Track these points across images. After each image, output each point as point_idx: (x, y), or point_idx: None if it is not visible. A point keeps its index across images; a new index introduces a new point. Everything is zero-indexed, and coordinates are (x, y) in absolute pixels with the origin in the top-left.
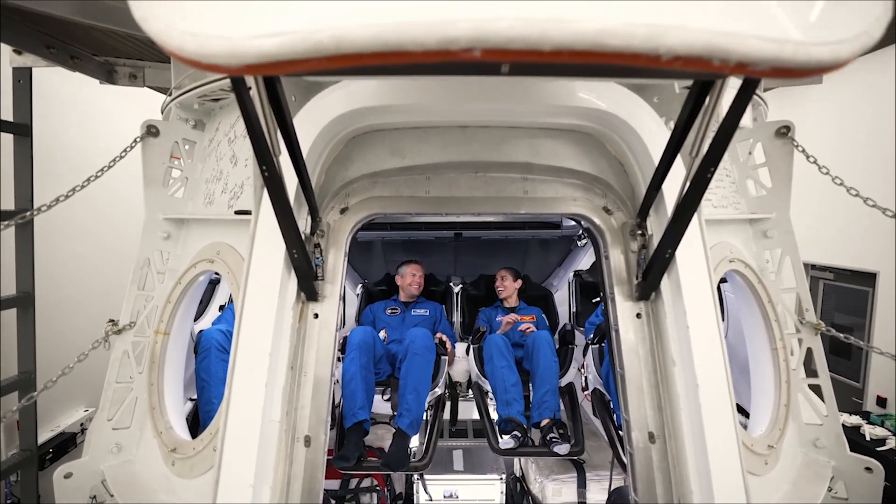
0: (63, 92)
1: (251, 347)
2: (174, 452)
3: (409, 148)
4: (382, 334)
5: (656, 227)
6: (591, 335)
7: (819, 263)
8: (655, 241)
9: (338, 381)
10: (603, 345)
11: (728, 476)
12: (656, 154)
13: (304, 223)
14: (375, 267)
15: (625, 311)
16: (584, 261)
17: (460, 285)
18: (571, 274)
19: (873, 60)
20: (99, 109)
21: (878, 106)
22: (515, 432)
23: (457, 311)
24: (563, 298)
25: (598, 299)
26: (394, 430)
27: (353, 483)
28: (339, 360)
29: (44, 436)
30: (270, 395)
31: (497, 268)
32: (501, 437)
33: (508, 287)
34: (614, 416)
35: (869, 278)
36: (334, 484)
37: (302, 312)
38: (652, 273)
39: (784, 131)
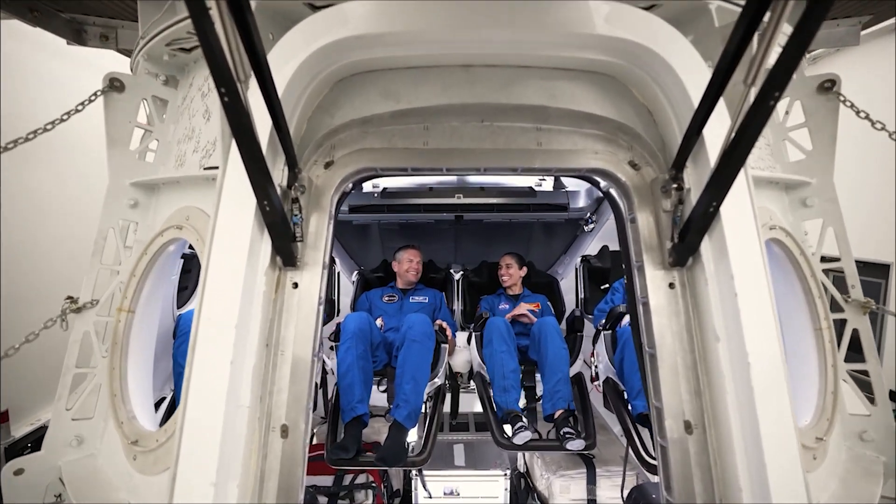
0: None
1: (214, 319)
2: (135, 445)
3: (405, 91)
4: (379, 322)
5: (694, 180)
6: (603, 321)
7: (828, 255)
8: (694, 197)
9: (331, 371)
10: (616, 330)
11: (786, 472)
12: (696, 94)
13: (280, 174)
14: (372, 253)
15: (655, 281)
16: (592, 246)
17: (461, 272)
18: (579, 259)
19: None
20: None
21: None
22: (521, 424)
23: (457, 298)
24: (568, 286)
25: (607, 286)
26: (390, 423)
27: (348, 479)
28: (332, 349)
29: (24, 429)
30: (238, 375)
31: (500, 254)
32: (513, 433)
33: (514, 275)
34: (629, 406)
35: (882, 270)
36: (327, 480)
37: (279, 281)
38: (690, 233)
39: (828, 86)
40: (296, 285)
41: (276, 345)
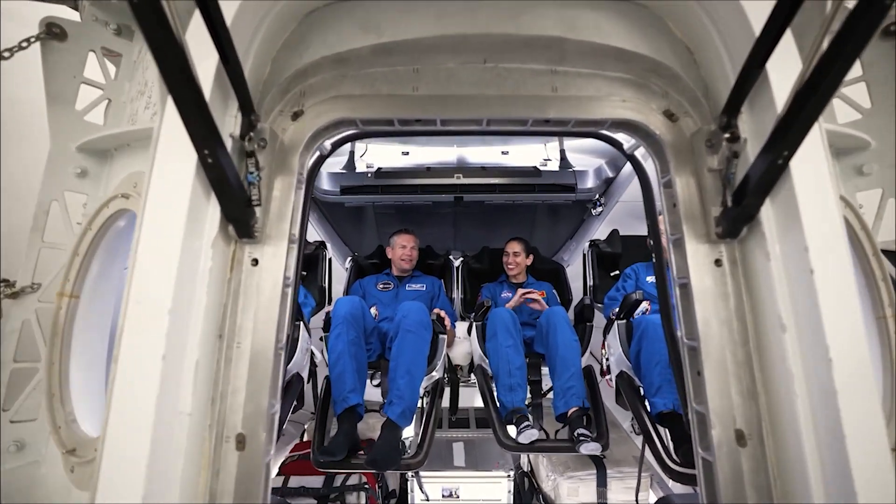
0: None
1: (144, 302)
2: (73, 455)
3: (389, 22)
4: (373, 311)
5: (753, 128)
6: (616, 309)
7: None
8: (752, 151)
9: (322, 363)
10: (632, 320)
11: (879, 494)
12: (757, 19)
13: (231, 123)
14: (367, 239)
15: (698, 258)
16: (600, 231)
17: (461, 258)
18: (587, 244)
19: None
20: None
21: None
22: (528, 423)
23: (457, 286)
24: (575, 273)
25: (617, 272)
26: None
27: (339, 480)
28: (322, 339)
29: None
30: (174, 374)
31: (502, 240)
32: (517, 432)
33: (520, 263)
34: (646, 403)
35: None
36: (316, 481)
37: (234, 257)
38: (748, 195)
39: (894, 29)
40: (256, 262)
41: (230, 335)
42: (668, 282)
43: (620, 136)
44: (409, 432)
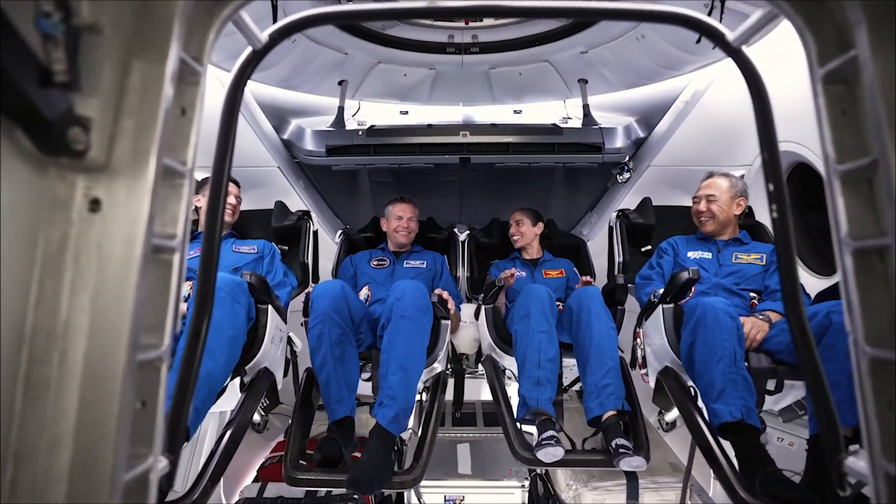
0: None
1: None
2: None
3: None
4: (364, 292)
5: None
6: (659, 290)
7: None
8: None
9: (302, 351)
10: (682, 304)
11: None
12: None
13: None
14: (362, 210)
15: None
16: (626, 201)
17: (467, 232)
18: (614, 215)
19: None
20: None
21: None
22: (549, 433)
23: (463, 263)
24: (596, 250)
25: (650, 247)
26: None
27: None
28: (303, 325)
29: None
30: None
31: (513, 211)
32: (537, 443)
33: (527, 233)
34: (698, 402)
35: None
36: (298, 491)
37: (53, 194)
38: None
39: None
40: (96, 205)
41: (46, 340)
42: (792, 252)
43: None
44: (409, 422)
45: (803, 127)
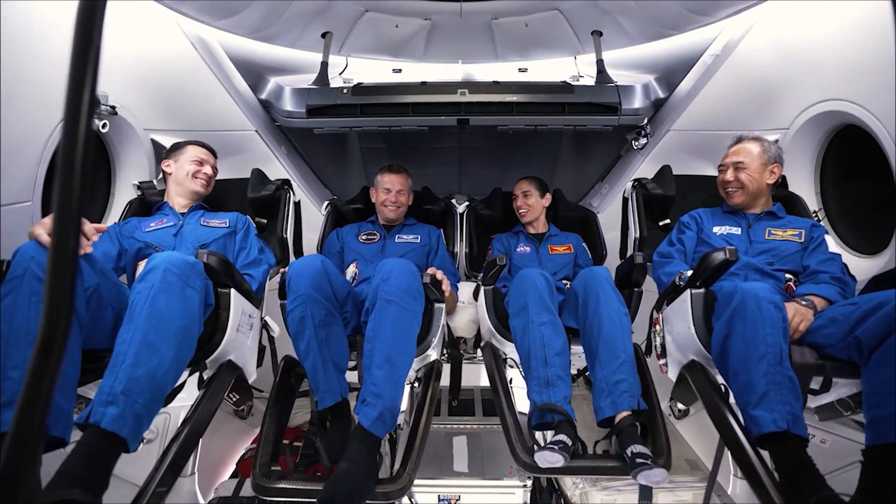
0: None
1: None
2: None
3: None
4: (352, 270)
5: None
6: (686, 272)
7: None
8: None
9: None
10: (717, 289)
11: None
12: None
13: None
14: (353, 181)
15: None
16: (641, 170)
17: (466, 203)
18: (629, 184)
19: None
20: None
21: None
22: (561, 437)
23: (461, 238)
24: (607, 223)
25: (668, 221)
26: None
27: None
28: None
29: None
30: None
31: (517, 179)
32: (539, 448)
33: (535, 206)
34: (735, 413)
35: None
36: None
37: None
38: None
39: None
40: None
41: None
42: None
43: None
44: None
45: (861, 84)
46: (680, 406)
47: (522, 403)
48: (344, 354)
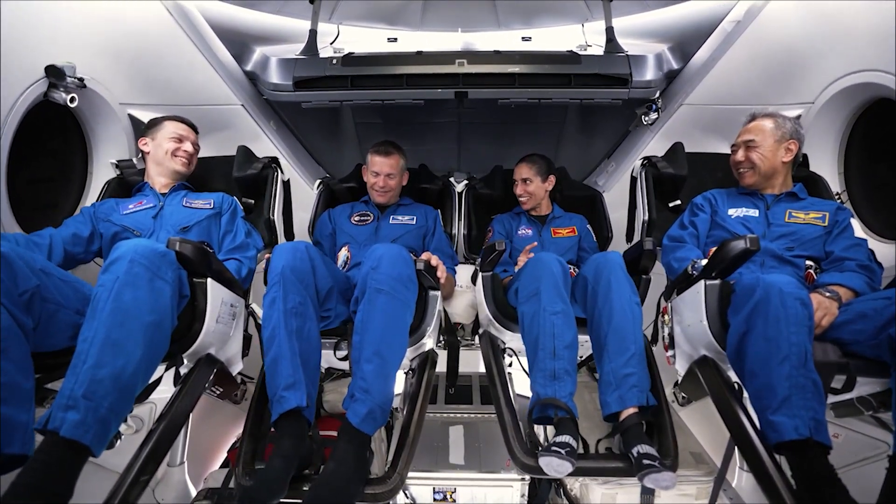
0: None
1: None
2: None
3: None
4: (343, 254)
5: None
6: (701, 261)
7: None
8: None
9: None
10: (732, 280)
11: None
12: None
13: None
14: (347, 158)
15: None
16: (651, 147)
17: (465, 182)
18: (638, 162)
19: None
20: None
21: None
22: (566, 438)
23: (460, 219)
24: (613, 202)
25: (679, 202)
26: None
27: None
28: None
29: None
30: None
31: (520, 156)
32: (544, 452)
33: (536, 192)
34: (750, 417)
35: None
36: None
37: None
38: None
39: None
40: None
41: None
42: None
43: None
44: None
45: None
46: (684, 393)
47: (521, 386)
48: (314, 353)
